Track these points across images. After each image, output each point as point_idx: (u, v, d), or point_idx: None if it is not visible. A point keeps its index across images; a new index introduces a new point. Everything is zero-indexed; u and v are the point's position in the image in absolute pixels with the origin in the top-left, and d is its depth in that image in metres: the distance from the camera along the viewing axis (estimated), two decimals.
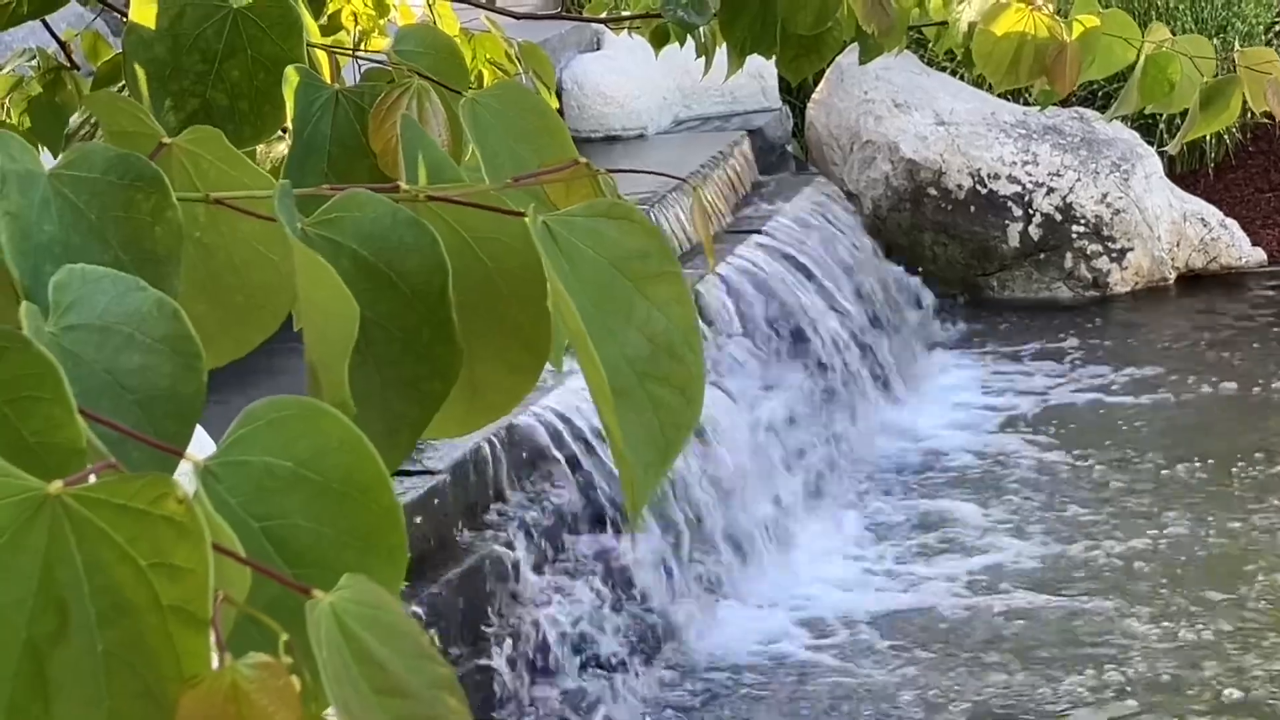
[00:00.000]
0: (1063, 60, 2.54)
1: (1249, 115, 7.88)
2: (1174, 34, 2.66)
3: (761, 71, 7.62)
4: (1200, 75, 2.64)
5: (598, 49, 7.63)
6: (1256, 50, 2.60)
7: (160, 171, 0.72)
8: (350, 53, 1.22)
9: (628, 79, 7.39)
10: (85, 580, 0.56)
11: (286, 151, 0.96)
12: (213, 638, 0.57)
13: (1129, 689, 4.37)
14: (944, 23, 2.73)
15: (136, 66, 1.02)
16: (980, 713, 4.32)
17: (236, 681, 0.56)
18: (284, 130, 1.02)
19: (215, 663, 0.56)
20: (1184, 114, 2.63)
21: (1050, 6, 2.53)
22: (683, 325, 0.76)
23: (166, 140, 0.78)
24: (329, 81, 1.03)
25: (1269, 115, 7.70)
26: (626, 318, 0.75)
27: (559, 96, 7.44)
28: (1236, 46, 6.98)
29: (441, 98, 1.00)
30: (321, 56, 1.17)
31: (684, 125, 7.74)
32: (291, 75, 0.94)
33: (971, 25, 2.60)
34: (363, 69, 1.16)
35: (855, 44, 2.71)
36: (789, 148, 7.87)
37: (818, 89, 7.95)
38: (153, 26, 1.01)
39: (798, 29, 2.58)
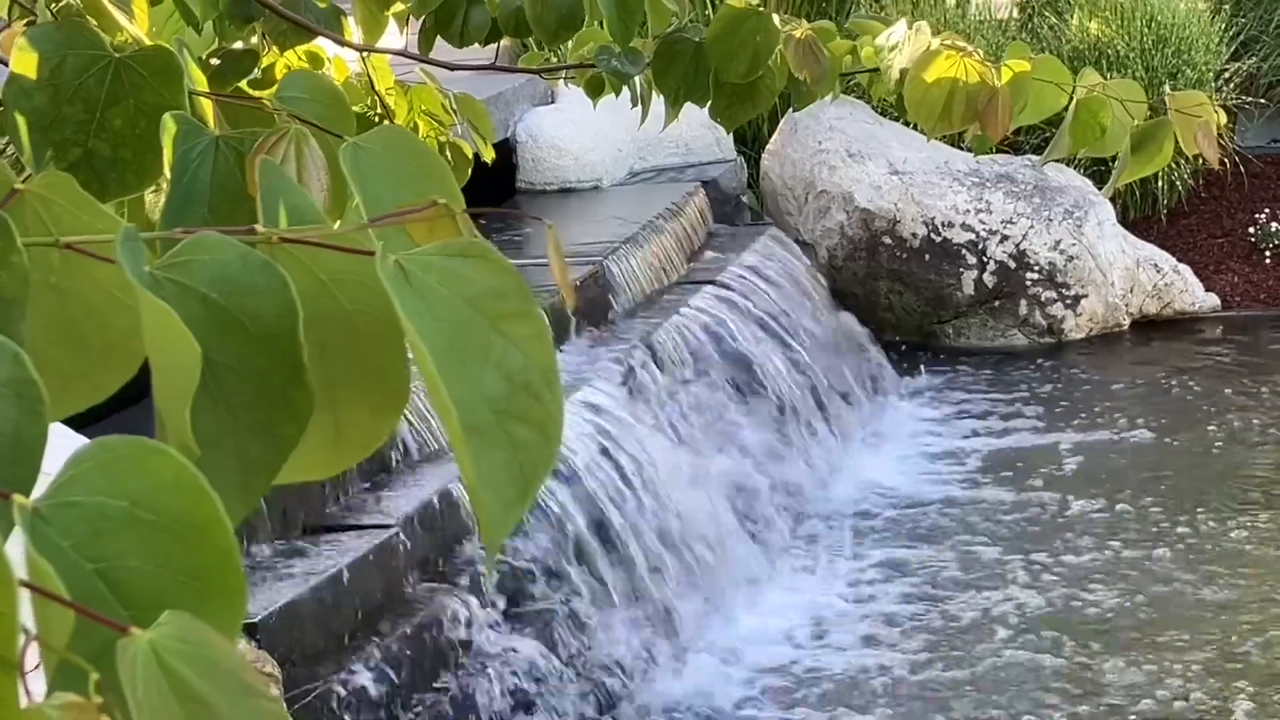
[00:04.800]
0: (994, 106, 2.55)
1: (1201, 161, 7.93)
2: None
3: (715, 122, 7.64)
4: (1131, 119, 2.65)
5: (552, 102, 7.65)
6: (1187, 94, 2.61)
7: (6, 217, 0.72)
8: (229, 98, 1.22)
9: (582, 132, 7.41)
10: None
11: None
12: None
13: None
14: (876, 70, 2.74)
15: (17, 116, 1.02)
16: None
17: None
18: None
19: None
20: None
21: (980, 53, 2.55)
22: (541, 363, 0.76)
23: (19, 186, 0.78)
24: (214, 128, 1.03)
25: (1221, 161, 7.68)
26: (483, 356, 0.75)
27: (513, 149, 7.45)
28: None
29: (325, 144, 1.00)
30: (205, 104, 1.17)
31: (639, 177, 7.76)
32: (169, 122, 0.94)
33: (903, 72, 2.61)
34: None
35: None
36: (744, 198, 7.89)
37: (772, 139, 7.98)
38: (34, 76, 1.02)
39: (730, 78, 2.60)
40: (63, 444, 0.72)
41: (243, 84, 2.24)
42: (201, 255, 0.74)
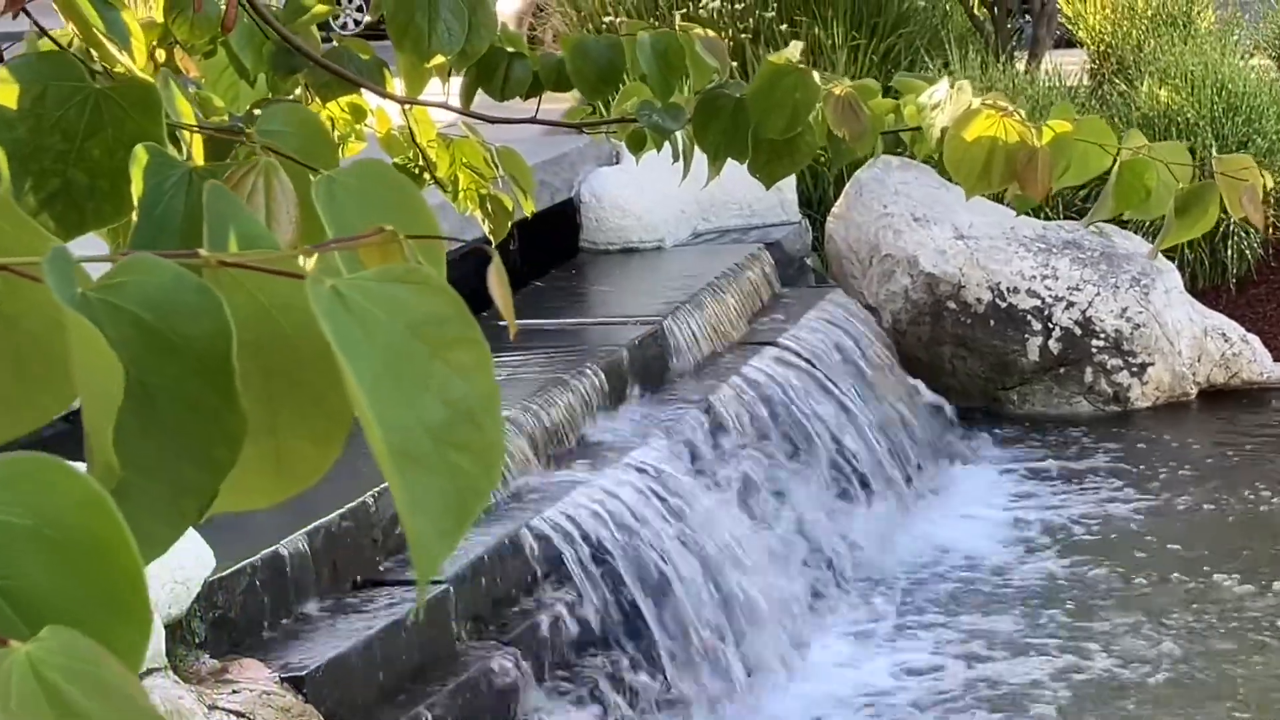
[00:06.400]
0: (1033, 166, 2.53)
1: (1271, 230, 7.87)
2: (1195, 151, 2.65)
3: (780, 184, 7.64)
4: (1176, 181, 2.62)
5: (616, 163, 7.67)
6: (1233, 157, 2.59)
7: None
8: (211, 129, 1.23)
9: (645, 192, 7.42)
10: None
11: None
12: None
13: None
14: (918, 128, 2.73)
15: None
16: None
17: None
18: None
19: None
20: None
21: (1022, 113, 2.53)
22: (482, 392, 0.75)
23: None
24: (200, 161, 1.03)
25: None
26: (423, 384, 0.74)
27: (577, 209, 7.47)
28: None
29: (300, 176, 1.00)
30: (186, 136, 1.17)
31: (702, 238, 7.76)
32: (140, 154, 0.94)
33: (944, 131, 2.60)
34: None
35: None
36: (808, 260, 7.88)
37: (837, 203, 7.97)
38: (15, 107, 1.02)
39: (769, 134, 2.59)
40: None
41: None
42: (135, 276, 0.74)
